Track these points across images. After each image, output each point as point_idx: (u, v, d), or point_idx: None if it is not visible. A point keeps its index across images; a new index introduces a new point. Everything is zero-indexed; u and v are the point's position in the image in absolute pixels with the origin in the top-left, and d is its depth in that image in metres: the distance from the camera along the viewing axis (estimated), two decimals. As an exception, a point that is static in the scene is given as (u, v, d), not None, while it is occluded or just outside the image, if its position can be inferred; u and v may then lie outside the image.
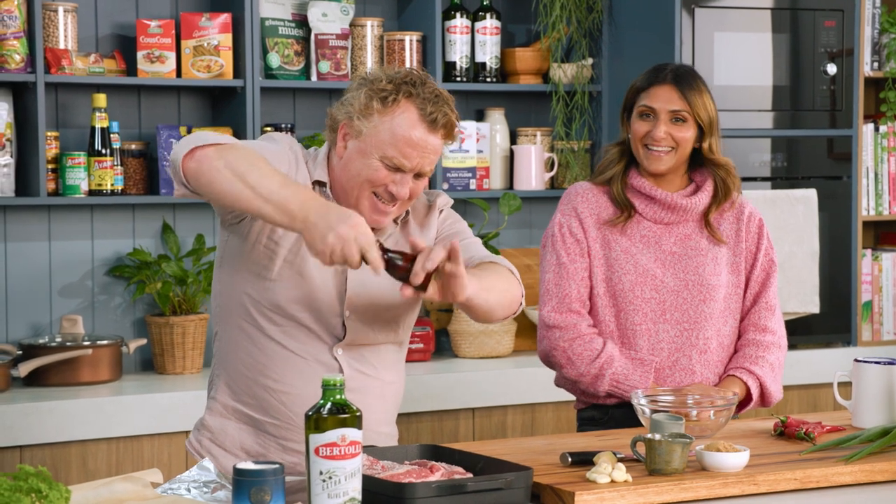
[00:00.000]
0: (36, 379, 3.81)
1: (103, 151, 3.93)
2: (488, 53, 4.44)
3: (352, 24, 4.28)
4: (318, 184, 2.63)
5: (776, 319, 3.07)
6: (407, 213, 2.71)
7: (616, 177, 3.05)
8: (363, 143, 2.54)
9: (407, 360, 3.57)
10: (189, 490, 2.29)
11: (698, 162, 3.05)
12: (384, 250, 2.36)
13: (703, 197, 3.03)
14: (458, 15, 4.40)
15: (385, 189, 2.56)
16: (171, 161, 2.45)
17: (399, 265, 2.37)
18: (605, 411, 3.05)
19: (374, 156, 2.53)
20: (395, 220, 2.68)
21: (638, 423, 2.89)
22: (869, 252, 4.69)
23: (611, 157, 3.08)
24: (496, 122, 4.54)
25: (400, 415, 3.86)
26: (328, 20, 4.21)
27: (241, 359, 2.66)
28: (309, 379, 2.61)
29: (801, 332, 4.48)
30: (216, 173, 2.38)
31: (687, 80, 3.00)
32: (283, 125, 4.20)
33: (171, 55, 4.03)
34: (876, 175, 4.68)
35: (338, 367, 2.63)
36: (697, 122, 2.99)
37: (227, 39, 4.07)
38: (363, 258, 2.33)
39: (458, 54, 4.40)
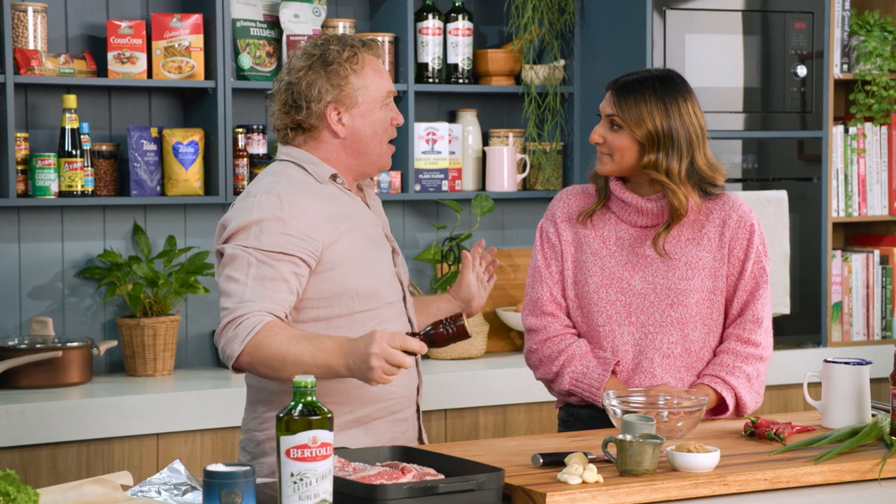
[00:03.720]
0: (5, 381, 3.79)
1: (73, 152, 3.92)
2: (460, 55, 4.45)
3: (324, 26, 4.27)
4: (334, 178, 2.81)
5: (762, 332, 3.01)
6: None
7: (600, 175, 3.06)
8: (363, 106, 2.78)
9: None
10: (160, 492, 2.29)
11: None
12: (415, 334, 2.55)
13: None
14: (430, 16, 4.40)
15: (395, 125, 2.83)
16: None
17: (436, 334, 2.55)
18: (571, 412, 3.06)
19: (376, 107, 2.79)
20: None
21: (604, 424, 2.90)
22: (839, 253, 4.72)
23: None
24: (468, 123, 4.54)
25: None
26: (300, 21, 4.21)
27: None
28: None
29: (772, 333, 4.49)
30: (266, 377, 2.64)
31: (631, 88, 2.93)
32: (254, 126, 4.19)
33: (142, 56, 4.02)
34: (846, 176, 4.71)
35: (411, 327, 2.87)
36: (634, 135, 2.92)
37: (198, 40, 4.06)
38: (407, 353, 2.51)
39: (431, 55, 4.40)
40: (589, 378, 2.96)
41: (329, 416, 2.12)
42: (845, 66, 4.72)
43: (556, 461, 2.48)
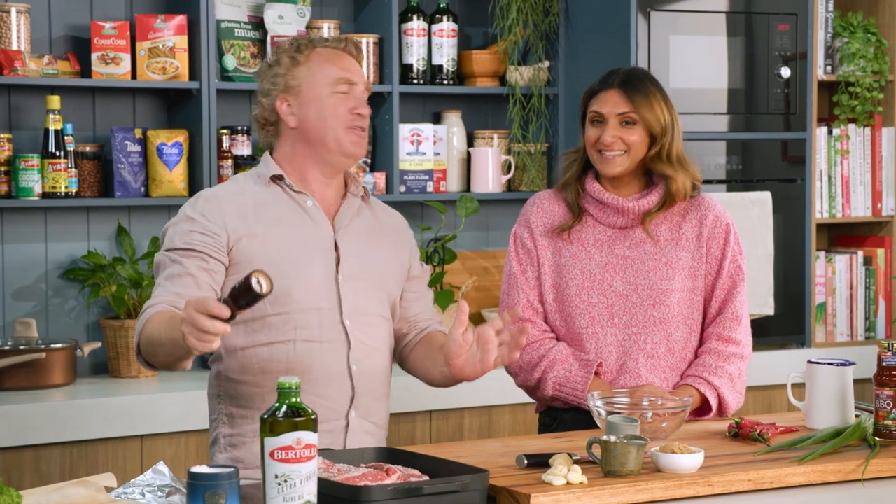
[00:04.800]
0: (-11, 383, 3.78)
1: (57, 153, 3.90)
2: (445, 56, 4.45)
3: (308, 27, 4.27)
4: (276, 178, 2.81)
5: (742, 330, 3.04)
6: (365, 195, 2.92)
7: (570, 182, 3.06)
8: (307, 93, 2.79)
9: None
10: (143, 494, 2.28)
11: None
12: (221, 300, 2.32)
13: (654, 199, 3.02)
14: (414, 17, 4.40)
15: (356, 114, 2.78)
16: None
17: (231, 293, 2.29)
18: (554, 416, 3.06)
19: (323, 93, 2.78)
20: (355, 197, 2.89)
21: (588, 427, 2.91)
22: (823, 254, 4.73)
23: (567, 164, 3.09)
24: (453, 124, 4.54)
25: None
26: (284, 22, 4.20)
27: (263, 381, 2.74)
28: (328, 355, 2.77)
29: (756, 333, 4.43)
30: (158, 362, 2.65)
31: (634, 83, 2.99)
32: (239, 127, 4.18)
33: (126, 57, 4.01)
34: (829, 178, 4.72)
35: (346, 338, 2.78)
36: (648, 127, 2.98)
37: (182, 41, 4.06)
38: (214, 318, 2.30)
39: (415, 57, 4.40)
40: (572, 382, 2.96)
41: (313, 417, 2.12)
42: (829, 68, 4.73)
43: (540, 462, 2.48)
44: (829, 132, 4.73)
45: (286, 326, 2.73)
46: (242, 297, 2.30)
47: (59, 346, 3.87)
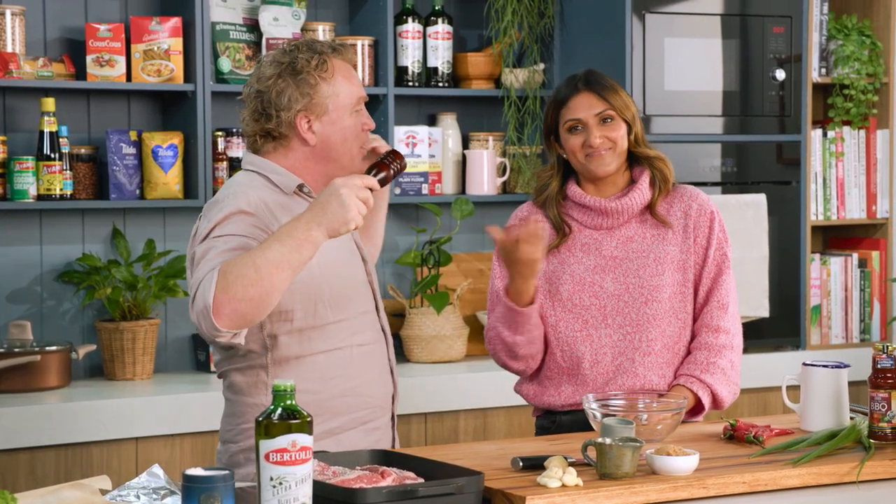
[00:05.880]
0: (-17, 385, 3.78)
1: (52, 156, 3.90)
2: (440, 58, 4.45)
3: (303, 29, 4.27)
4: (300, 188, 2.76)
5: (729, 317, 3.03)
6: None
7: (551, 199, 3.06)
8: (333, 113, 2.74)
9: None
10: (138, 496, 2.28)
11: (630, 159, 3.07)
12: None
13: (637, 196, 3.03)
14: (409, 20, 4.40)
15: (366, 130, 2.80)
16: (206, 334, 2.51)
17: (386, 177, 2.70)
18: (552, 419, 3.06)
19: (346, 113, 2.75)
20: None
21: (585, 429, 2.91)
22: (818, 256, 4.73)
23: (543, 182, 3.08)
24: (448, 126, 4.54)
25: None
26: (279, 24, 4.20)
27: (323, 388, 2.71)
28: (377, 356, 2.81)
29: (751, 336, 4.49)
30: (250, 302, 2.46)
31: (599, 82, 3.02)
32: (234, 130, 4.18)
33: (121, 59, 4.01)
34: (824, 180, 4.73)
35: (384, 336, 2.85)
36: (624, 119, 3.01)
37: (177, 44, 4.05)
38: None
39: (410, 59, 4.40)
40: (500, 308, 2.99)
41: (308, 419, 2.12)
42: (823, 70, 4.73)
43: (535, 465, 2.48)
44: (824, 134, 4.74)
45: (345, 332, 2.73)
46: (395, 177, 2.70)
47: (53, 348, 3.87)
